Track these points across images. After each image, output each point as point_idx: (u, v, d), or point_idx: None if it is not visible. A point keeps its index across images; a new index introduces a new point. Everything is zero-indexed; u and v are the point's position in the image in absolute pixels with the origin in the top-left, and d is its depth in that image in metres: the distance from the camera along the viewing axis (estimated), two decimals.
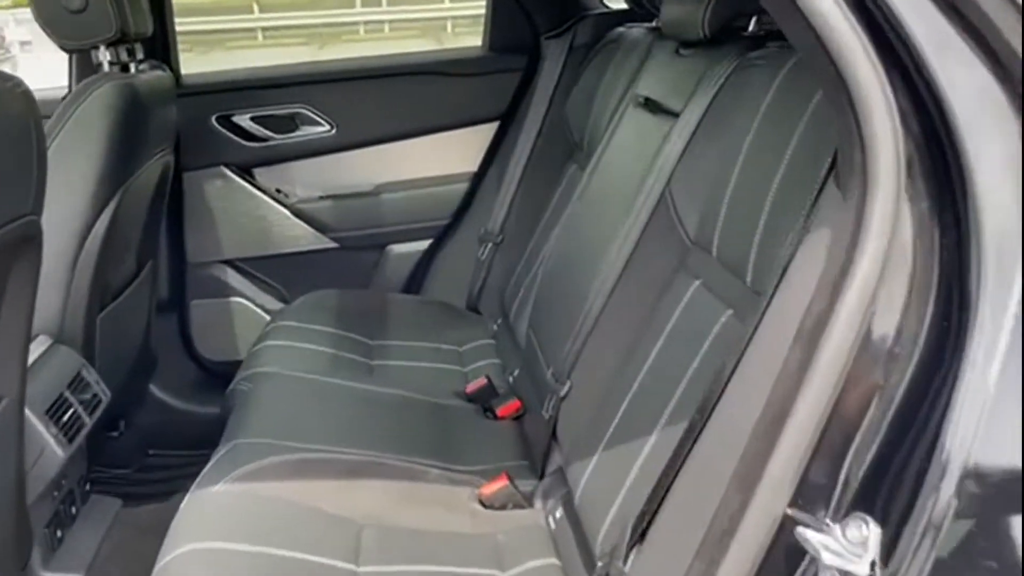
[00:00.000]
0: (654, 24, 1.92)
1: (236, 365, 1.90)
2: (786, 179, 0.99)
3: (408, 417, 1.62)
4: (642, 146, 1.46)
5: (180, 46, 2.20)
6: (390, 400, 1.67)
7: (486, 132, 2.34)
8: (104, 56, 1.78)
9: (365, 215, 2.34)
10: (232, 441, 1.40)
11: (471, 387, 1.79)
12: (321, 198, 2.33)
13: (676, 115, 1.38)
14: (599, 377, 1.30)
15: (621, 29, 2.04)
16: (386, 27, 18.10)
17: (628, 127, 1.61)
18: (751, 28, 1.38)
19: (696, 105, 1.31)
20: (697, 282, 1.16)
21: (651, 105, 1.50)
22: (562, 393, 1.40)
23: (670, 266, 1.24)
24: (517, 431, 1.64)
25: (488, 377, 1.79)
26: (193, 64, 2.32)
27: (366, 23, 18.08)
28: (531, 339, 1.72)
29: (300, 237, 2.33)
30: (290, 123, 2.28)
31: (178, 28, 2.18)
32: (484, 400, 1.75)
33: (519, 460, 1.51)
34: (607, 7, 2.28)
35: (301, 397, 1.61)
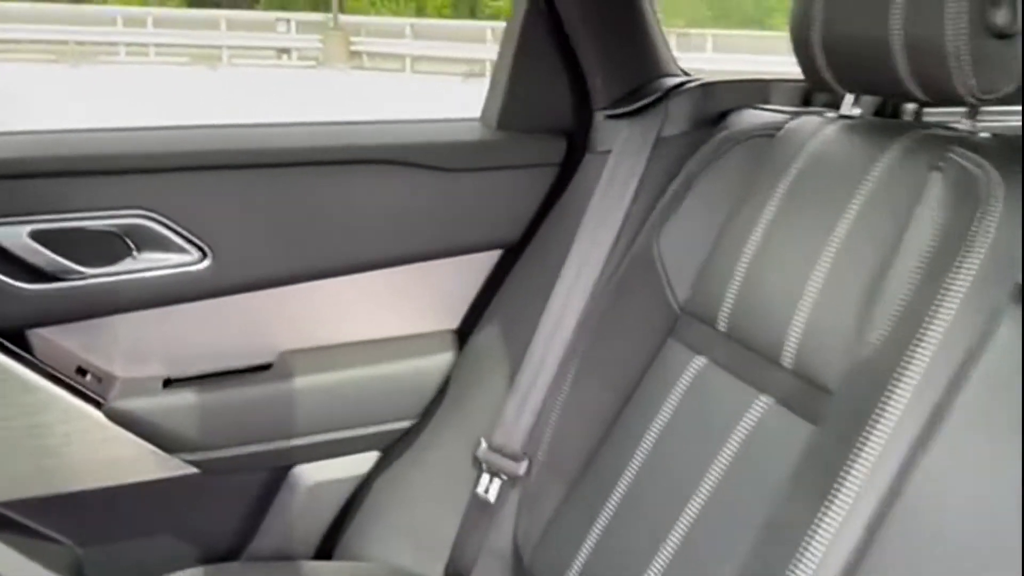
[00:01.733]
0: (855, 113, 1.03)
1: None
2: None
3: None
4: None
5: None
6: None
7: (482, 266, 1.35)
8: None
9: (254, 415, 1.26)
10: None
11: None
12: (169, 384, 1.23)
13: None
14: None
15: (781, 116, 1.12)
16: (151, 51, 16.68)
17: None
18: None
19: None
20: None
21: None
22: None
23: None
24: None
25: None
26: None
27: (128, 44, 16.63)
28: None
29: (124, 460, 1.21)
30: (117, 246, 1.16)
31: None
32: None
33: None
34: (686, 74, 1.37)
35: None
